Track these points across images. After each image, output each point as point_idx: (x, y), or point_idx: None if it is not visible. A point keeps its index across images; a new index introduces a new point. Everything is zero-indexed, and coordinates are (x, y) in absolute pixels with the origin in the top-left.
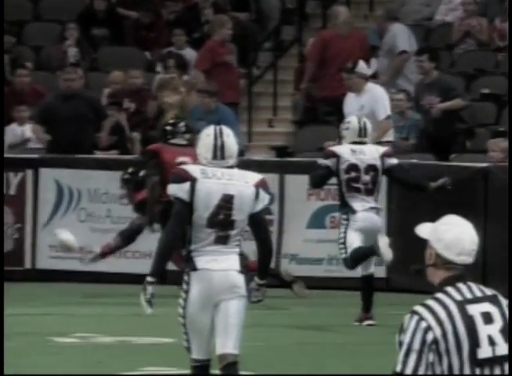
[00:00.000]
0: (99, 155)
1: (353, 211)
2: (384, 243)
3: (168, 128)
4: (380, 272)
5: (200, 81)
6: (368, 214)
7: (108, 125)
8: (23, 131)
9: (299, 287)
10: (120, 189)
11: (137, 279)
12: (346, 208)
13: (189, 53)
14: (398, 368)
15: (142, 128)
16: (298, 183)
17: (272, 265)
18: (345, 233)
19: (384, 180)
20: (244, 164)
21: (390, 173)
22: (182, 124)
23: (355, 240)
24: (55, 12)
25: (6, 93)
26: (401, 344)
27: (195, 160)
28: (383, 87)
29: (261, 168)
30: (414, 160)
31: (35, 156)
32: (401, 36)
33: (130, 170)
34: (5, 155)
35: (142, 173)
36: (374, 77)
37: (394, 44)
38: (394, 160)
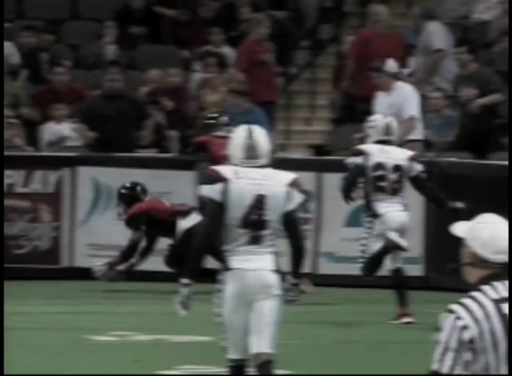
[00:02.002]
0: (137, 153)
1: (376, 215)
2: (394, 235)
3: (211, 121)
4: (417, 270)
5: (234, 81)
6: (391, 213)
7: (150, 124)
8: (61, 129)
9: (305, 284)
10: (117, 205)
11: (175, 276)
12: (370, 211)
13: (227, 52)
14: (435, 367)
15: (180, 127)
16: (336, 181)
17: (310, 263)
18: (367, 240)
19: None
20: (282, 163)
21: (415, 180)
22: (223, 117)
23: (375, 249)
24: (92, 11)
25: (44, 91)
26: (437, 342)
27: None
28: (418, 85)
29: (299, 167)
30: (453, 159)
31: (73, 154)
32: (437, 34)
33: (128, 185)
34: (43, 153)
35: (139, 188)
36: (411, 75)
37: (430, 42)
38: (419, 167)
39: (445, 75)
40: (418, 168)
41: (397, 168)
